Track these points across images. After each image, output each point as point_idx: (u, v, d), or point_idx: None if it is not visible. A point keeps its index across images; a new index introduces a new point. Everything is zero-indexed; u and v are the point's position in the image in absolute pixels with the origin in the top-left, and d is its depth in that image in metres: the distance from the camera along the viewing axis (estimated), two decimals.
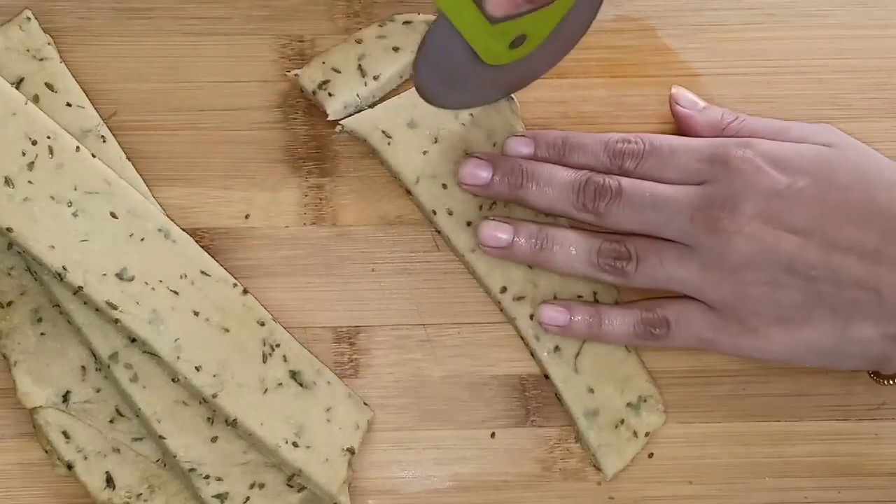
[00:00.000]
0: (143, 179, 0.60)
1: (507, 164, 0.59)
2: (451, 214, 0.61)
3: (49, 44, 0.61)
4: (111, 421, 0.57)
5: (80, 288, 0.56)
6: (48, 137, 0.58)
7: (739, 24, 0.65)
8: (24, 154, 0.57)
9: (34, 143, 0.58)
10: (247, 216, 0.61)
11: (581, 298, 0.60)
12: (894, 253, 0.55)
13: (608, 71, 0.64)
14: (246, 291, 0.59)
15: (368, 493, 0.59)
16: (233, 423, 0.57)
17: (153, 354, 0.57)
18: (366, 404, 0.59)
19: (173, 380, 0.57)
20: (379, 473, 0.59)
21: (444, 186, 0.61)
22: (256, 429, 0.56)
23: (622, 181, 0.58)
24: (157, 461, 0.57)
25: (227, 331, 0.57)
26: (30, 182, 0.57)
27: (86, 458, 0.57)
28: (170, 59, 0.63)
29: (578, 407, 0.59)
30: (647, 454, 0.60)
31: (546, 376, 0.60)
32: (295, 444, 0.57)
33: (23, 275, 0.58)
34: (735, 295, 0.56)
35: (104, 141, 0.60)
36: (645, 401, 0.60)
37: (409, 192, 0.61)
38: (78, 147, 0.58)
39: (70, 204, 0.57)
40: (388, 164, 0.61)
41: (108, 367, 0.57)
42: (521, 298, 0.60)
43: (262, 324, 0.58)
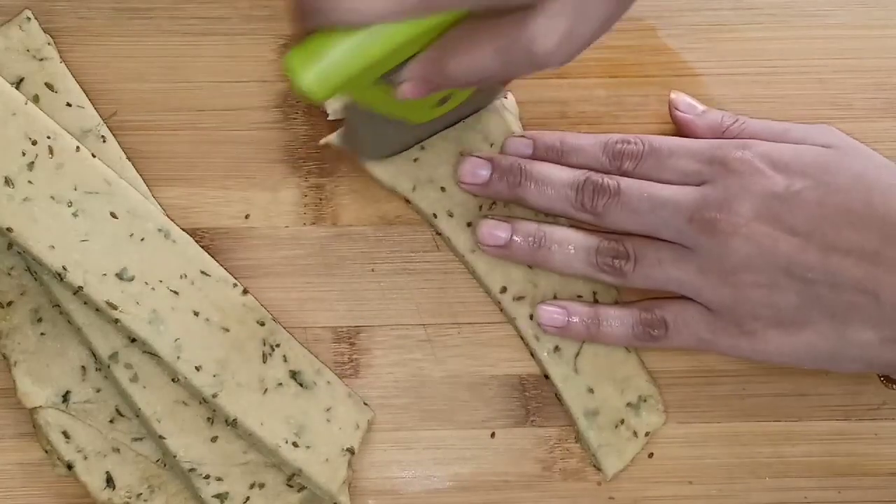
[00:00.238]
0: (143, 179, 0.60)
1: (506, 163, 0.59)
2: (451, 216, 0.60)
3: (49, 44, 0.61)
4: (111, 421, 0.58)
5: (80, 288, 0.56)
6: (48, 137, 0.58)
7: (739, 24, 0.65)
8: (24, 154, 0.57)
9: (34, 143, 0.58)
10: (247, 216, 0.61)
11: (581, 298, 0.60)
12: (893, 256, 0.55)
13: (608, 71, 0.64)
14: (246, 291, 0.59)
15: (368, 493, 0.59)
16: (233, 423, 0.57)
17: (153, 354, 0.57)
18: (366, 404, 0.59)
19: (173, 380, 0.57)
20: (379, 473, 0.59)
21: (443, 189, 0.61)
22: (256, 429, 0.56)
23: (621, 181, 0.58)
24: (157, 461, 0.57)
25: (227, 331, 0.58)
26: (30, 182, 0.57)
27: (86, 458, 0.57)
28: (170, 59, 0.63)
29: (578, 407, 0.59)
30: (647, 454, 0.60)
31: (546, 376, 0.60)
32: (295, 444, 0.57)
33: (23, 275, 0.58)
34: (733, 297, 0.56)
35: (104, 141, 0.60)
36: (645, 401, 0.60)
37: (408, 200, 0.61)
38: (78, 147, 0.58)
39: (70, 204, 0.57)
40: (381, 181, 0.61)
41: (108, 367, 0.57)
42: (521, 298, 0.60)
43: (262, 324, 0.58)
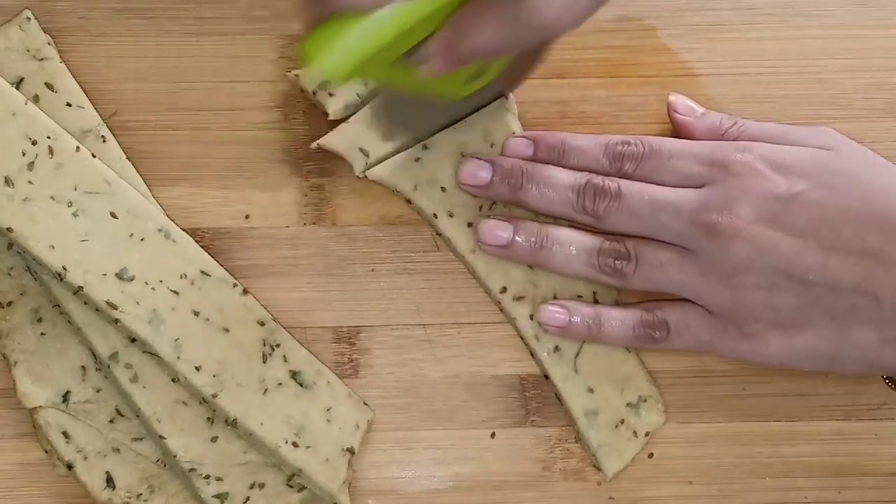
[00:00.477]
0: (143, 179, 0.60)
1: (507, 165, 0.59)
2: (451, 217, 0.60)
3: (49, 44, 0.61)
4: (111, 421, 0.57)
5: (80, 288, 0.56)
6: (48, 137, 0.58)
7: (739, 24, 0.65)
8: (24, 154, 0.57)
9: (34, 143, 0.57)
10: (247, 216, 0.61)
11: (581, 299, 0.60)
12: (893, 257, 0.55)
13: (608, 71, 0.64)
14: (246, 291, 0.59)
15: (368, 493, 0.59)
16: (233, 423, 0.57)
17: (153, 354, 0.57)
18: (366, 404, 0.59)
19: (173, 380, 0.57)
20: (379, 473, 0.59)
21: (443, 189, 0.61)
22: (256, 429, 0.56)
23: (621, 184, 0.58)
24: (157, 461, 0.57)
25: (227, 331, 0.57)
26: (30, 182, 0.57)
27: (86, 458, 0.57)
28: (170, 59, 0.63)
29: (578, 407, 0.59)
30: (647, 454, 0.60)
31: (546, 376, 0.60)
32: (295, 444, 0.57)
33: (23, 275, 0.58)
34: (733, 300, 0.56)
35: (104, 141, 0.60)
36: (645, 401, 0.60)
37: (409, 200, 0.61)
38: (78, 147, 0.58)
39: (70, 204, 0.57)
40: (382, 181, 0.60)
41: (108, 367, 0.57)
42: (521, 298, 0.60)
43: (262, 324, 0.58)
